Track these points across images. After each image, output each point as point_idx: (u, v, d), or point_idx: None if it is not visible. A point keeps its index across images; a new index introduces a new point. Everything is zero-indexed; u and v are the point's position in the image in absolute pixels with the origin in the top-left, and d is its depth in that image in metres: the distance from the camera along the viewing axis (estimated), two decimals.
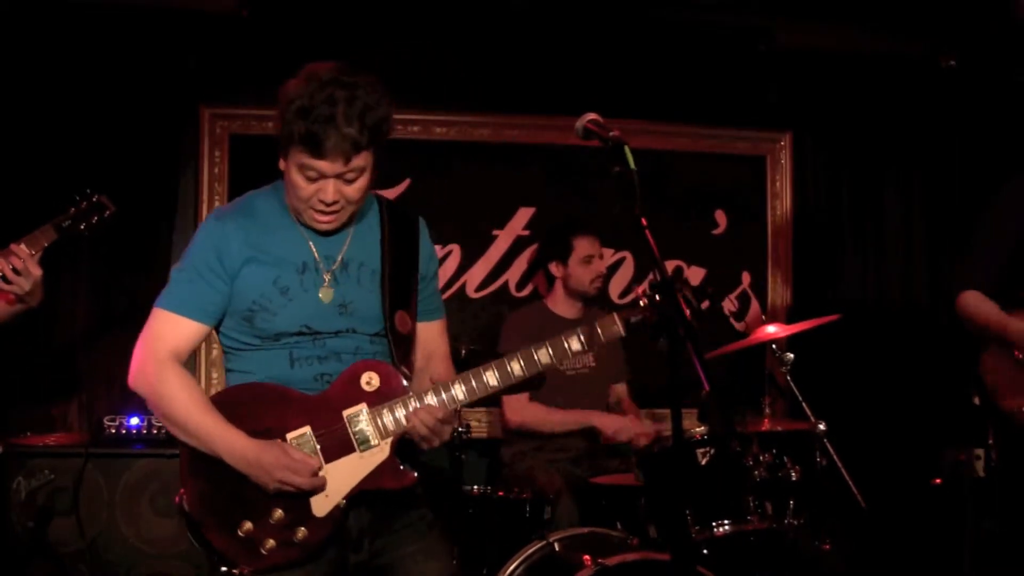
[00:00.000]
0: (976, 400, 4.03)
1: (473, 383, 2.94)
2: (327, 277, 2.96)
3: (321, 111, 2.73)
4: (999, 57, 6.43)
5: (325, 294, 2.95)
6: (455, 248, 6.21)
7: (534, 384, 4.82)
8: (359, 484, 2.88)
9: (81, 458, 4.95)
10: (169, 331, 2.92)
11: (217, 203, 5.93)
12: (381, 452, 2.89)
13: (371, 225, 3.10)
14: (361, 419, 2.89)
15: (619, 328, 2.98)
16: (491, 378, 2.95)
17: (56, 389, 5.61)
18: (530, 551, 4.20)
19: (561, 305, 5.41)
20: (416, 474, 2.93)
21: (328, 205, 2.84)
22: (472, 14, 6.14)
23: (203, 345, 5.81)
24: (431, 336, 3.22)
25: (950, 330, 4.24)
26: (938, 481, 5.69)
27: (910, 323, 6.55)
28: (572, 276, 5.34)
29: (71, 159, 5.62)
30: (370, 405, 2.90)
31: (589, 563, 3.89)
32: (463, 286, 6.22)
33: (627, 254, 6.38)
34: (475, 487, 4.60)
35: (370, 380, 2.92)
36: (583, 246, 5.33)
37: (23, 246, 3.80)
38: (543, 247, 5.72)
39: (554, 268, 5.43)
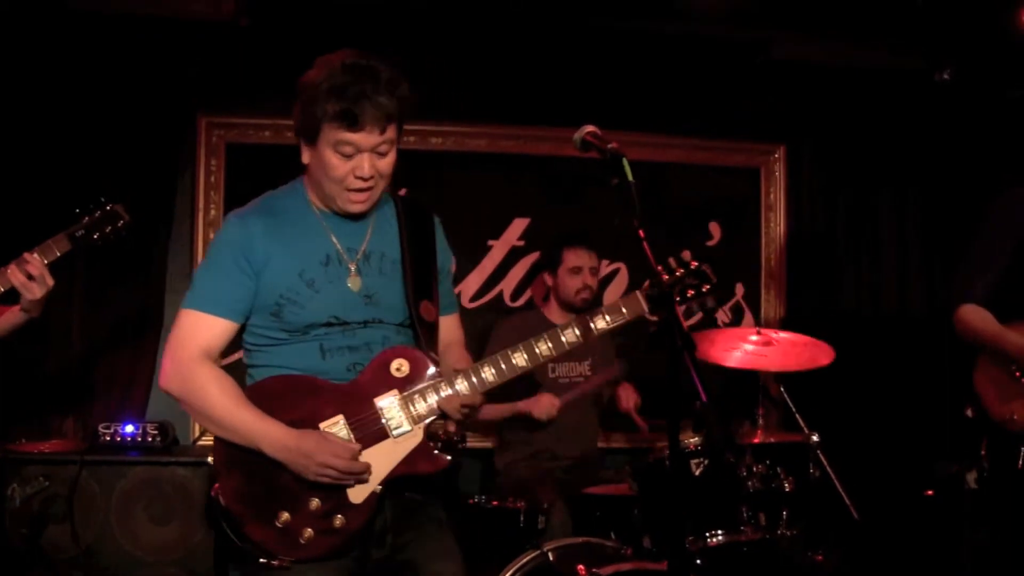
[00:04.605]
0: (969, 412, 4.05)
1: (502, 365, 3.01)
2: (352, 267, 3.02)
3: (353, 87, 2.81)
4: (993, 73, 6.47)
5: (353, 283, 3.00)
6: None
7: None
8: (394, 469, 2.93)
9: (76, 465, 4.94)
10: (198, 330, 2.94)
11: (213, 212, 5.95)
12: (415, 437, 2.95)
13: (388, 217, 3.16)
14: (393, 405, 2.94)
15: (642, 304, 3.11)
16: (519, 359, 3.03)
17: (51, 396, 5.61)
18: (524, 561, 4.21)
19: (555, 315, 5.43)
20: (449, 458, 2.98)
21: (365, 181, 2.90)
22: (469, 25, 6.16)
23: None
24: (449, 327, 3.31)
25: (944, 342, 4.26)
26: (930, 493, 5.70)
27: (904, 335, 6.57)
28: (560, 286, 5.38)
29: (68, 167, 5.63)
30: (401, 391, 2.95)
31: (583, 573, 3.92)
32: (458, 296, 6.21)
33: (621, 265, 6.40)
34: (469, 497, 4.61)
35: (400, 367, 2.97)
36: (571, 257, 5.36)
37: (36, 255, 3.79)
38: (541, 259, 5.77)
39: (546, 278, 5.48)
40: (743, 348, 4.81)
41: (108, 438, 5.23)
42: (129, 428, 5.24)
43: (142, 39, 5.79)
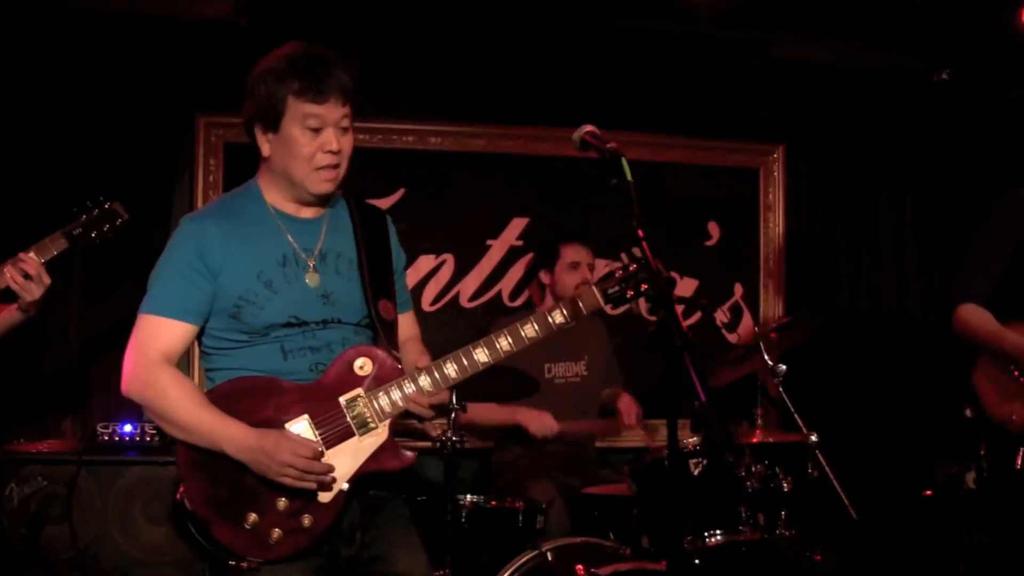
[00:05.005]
0: (968, 412, 4.05)
1: (464, 361, 3.00)
2: (311, 263, 3.03)
3: (312, 64, 2.91)
4: (993, 73, 6.47)
5: (311, 279, 3.01)
6: (449, 257, 6.23)
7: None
8: (361, 467, 2.92)
9: (74, 465, 4.93)
10: (157, 335, 2.93)
11: None
12: (380, 435, 2.95)
13: (342, 217, 3.17)
14: (358, 403, 2.94)
15: (598, 299, 3.08)
16: (481, 355, 3.01)
17: (49, 396, 5.60)
18: (523, 561, 4.22)
19: None
20: (415, 454, 3.00)
21: (334, 155, 2.94)
22: (468, 25, 6.16)
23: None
24: (406, 324, 3.31)
25: (943, 342, 4.25)
26: (928, 493, 5.70)
27: (903, 335, 6.57)
28: (558, 282, 5.35)
29: (67, 167, 5.63)
30: (365, 389, 2.95)
31: (582, 573, 3.92)
32: (456, 296, 6.23)
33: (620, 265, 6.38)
34: (468, 497, 4.61)
35: (363, 365, 2.97)
36: (569, 253, 5.35)
37: (32, 254, 3.77)
38: (534, 258, 5.76)
39: (543, 276, 5.45)
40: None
41: (106, 438, 5.22)
42: (127, 428, 5.24)
43: (141, 39, 5.80)
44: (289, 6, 5.93)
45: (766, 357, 4.72)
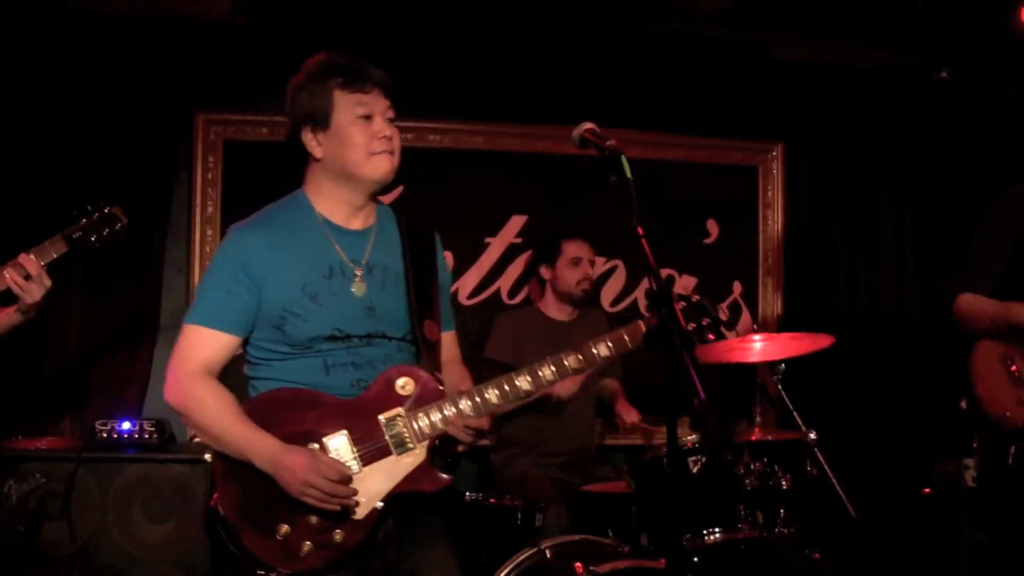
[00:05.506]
0: (963, 404, 4.03)
1: (506, 387, 3.01)
2: (358, 273, 3.03)
3: (348, 60, 3.01)
4: (992, 72, 6.47)
5: (358, 288, 3.02)
6: (448, 255, 6.19)
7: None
8: (396, 487, 2.93)
9: (73, 462, 4.93)
10: (199, 345, 2.95)
11: (211, 209, 5.94)
12: (417, 456, 2.95)
13: (391, 231, 3.19)
14: (397, 423, 2.94)
15: (643, 333, 3.11)
16: (523, 383, 3.03)
17: (49, 395, 5.59)
18: (521, 558, 4.20)
19: (552, 309, 5.44)
20: (450, 476, 3.00)
21: (388, 140, 2.99)
22: (467, 24, 6.16)
23: None
24: (448, 345, 3.31)
25: (942, 341, 4.24)
26: (927, 491, 5.70)
27: (901, 333, 6.58)
28: (559, 278, 5.37)
29: (65, 166, 5.63)
30: (406, 409, 2.95)
31: (580, 571, 3.90)
32: (455, 293, 6.22)
33: (619, 262, 6.40)
34: (466, 494, 4.60)
35: (405, 384, 2.98)
36: (571, 249, 5.37)
37: (32, 256, 3.77)
38: (535, 253, 5.77)
39: (544, 271, 5.47)
40: (746, 347, 4.81)
41: (105, 435, 5.21)
42: (126, 425, 5.23)
43: (140, 38, 5.80)
44: (287, 4, 5.93)
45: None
